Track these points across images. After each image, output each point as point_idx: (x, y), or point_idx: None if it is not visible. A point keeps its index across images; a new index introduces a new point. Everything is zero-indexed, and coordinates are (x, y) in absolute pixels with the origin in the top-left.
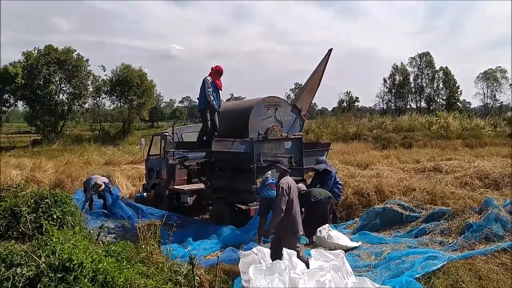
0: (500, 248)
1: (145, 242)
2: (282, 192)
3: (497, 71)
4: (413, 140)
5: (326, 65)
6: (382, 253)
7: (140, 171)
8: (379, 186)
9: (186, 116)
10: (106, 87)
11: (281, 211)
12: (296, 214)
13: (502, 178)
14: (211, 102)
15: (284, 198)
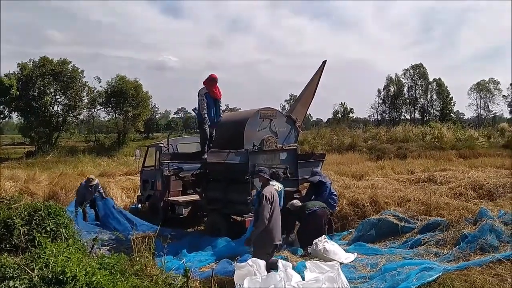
0: (495, 259)
1: (139, 254)
2: (265, 201)
3: (490, 82)
4: (408, 151)
5: (320, 77)
6: (377, 264)
7: (135, 183)
8: (374, 197)
9: (182, 128)
10: (101, 99)
11: (264, 221)
12: (275, 223)
13: (496, 188)
14: (203, 115)
15: (267, 207)
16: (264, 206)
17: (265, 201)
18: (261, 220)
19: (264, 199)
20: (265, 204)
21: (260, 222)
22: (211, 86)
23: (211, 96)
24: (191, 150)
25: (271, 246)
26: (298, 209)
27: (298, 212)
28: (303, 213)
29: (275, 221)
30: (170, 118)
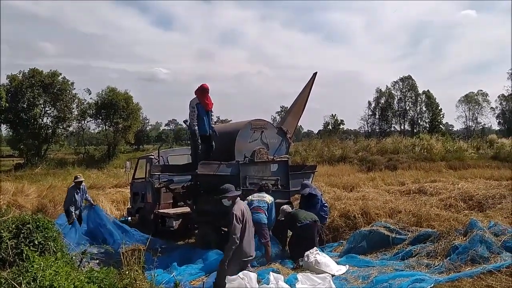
0: (486, 270)
1: (129, 268)
2: (235, 220)
3: (478, 95)
4: (398, 162)
5: (311, 88)
6: (369, 276)
7: (125, 195)
8: (365, 209)
9: (172, 139)
10: (91, 110)
11: (236, 240)
12: (246, 240)
13: (486, 199)
14: (193, 127)
15: (238, 226)
16: (234, 226)
17: (235, 220)
18: (233, 240)
19: (234, 218)
20: (235, 224)
21: (232, 242)
22: (202, 96)
23: (202, 106)
24: (182, 162)
25: (241, 262)
26: (289, 220)
27: (290, 222)
28: (295, 225)
29: (247, 237)
30: (161, 130)
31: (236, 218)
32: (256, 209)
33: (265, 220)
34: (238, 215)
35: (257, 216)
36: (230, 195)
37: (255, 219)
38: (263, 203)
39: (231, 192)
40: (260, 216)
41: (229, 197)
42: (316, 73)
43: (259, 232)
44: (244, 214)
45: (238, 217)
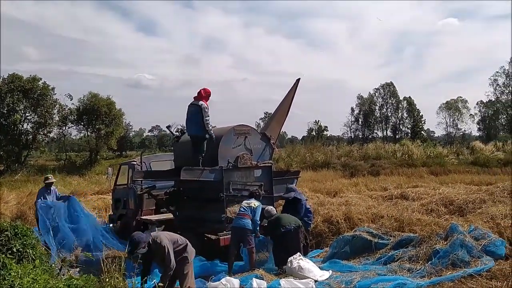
0: (466, 274)
1: (109, 275)
2: (167, 253)
3: (458, 101)
4: (381, 168)
5: (294, 94)
6: (352, 281)
7: (107, 202)
8: (348, 214)
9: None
10: (73, 116)
11: (172, 267)
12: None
13: (466, 204)
14: (210, 131)
15: (171, 255)
16: (168, 255)
17: (167, 253)
18: (170, 268)
19: (166, 251)
20: (167, 255)
21: (169, 270)
22: (207, 100)
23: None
24: (165, 168)
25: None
26: (272, 223)
27: (273, 227)
28: (278, 230)
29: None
30: (144, 136)
31: (167, 251)
32: (241, 214)
33: (249, 226)
34: (168, 247)
35: (242, 221)
36: (144, 244)
37: (239, 224)
38: (248, 208)
39: (142, 244)
40: (245, 221)
41: (143, 245)
42: (300, 79)
43: (243, 238)
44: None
45: (168, 249)
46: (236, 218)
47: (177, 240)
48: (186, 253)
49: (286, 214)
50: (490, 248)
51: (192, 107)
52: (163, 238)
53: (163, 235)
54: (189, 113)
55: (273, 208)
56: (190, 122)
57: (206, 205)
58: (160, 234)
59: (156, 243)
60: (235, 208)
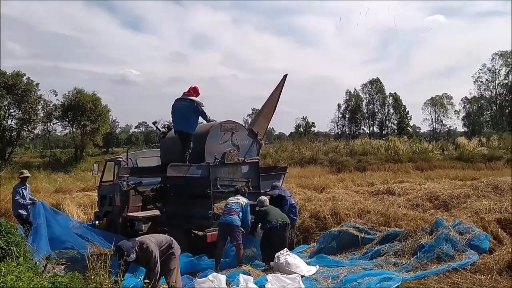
0: (451, 268)
1: (94, 272)
2: (153, 258)
3: (443, 98)
4: (367, 163)
5: (281, 91)
6: (338, 276)
7: (92, 199)
8: (335, 209)
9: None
10: (58, 112)
11: (157, 273)
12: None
13: (451, 199)
14: (209, 118)
15: (157, 261)
16: (154, 260)
17: (153, 258)
18: (154, 273)
19: (153, 256)
20: (153, 260)
21: (153, 274)
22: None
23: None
24: (151, 164)
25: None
26: (260, 216)
27: (261, 220)
28: (264, 226)
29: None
30: (131, 132)
31: (154, 256)
32: (228, 211)
33: (237, 222)
34: (155, 251)
35: (229, 218)
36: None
37: (227, 220)
38: (236, 205)
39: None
40: (233, 218)
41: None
42: (286, 75)
43: (230, 234)
44: (157, 243)
45: (155, 253)
46: (223, 214)
47: (162, 241)
48: (172, 249)
49: (275, 208)
50: (474, 242)
51: (181, 101)
52: (150, 243)
53: (149, 240)
54: (178, 108)
55: (266, 198)
56: (178, 117)
57: (193, 202)
58: (146, 239)
59: (143, 249)
60: (222, 204)
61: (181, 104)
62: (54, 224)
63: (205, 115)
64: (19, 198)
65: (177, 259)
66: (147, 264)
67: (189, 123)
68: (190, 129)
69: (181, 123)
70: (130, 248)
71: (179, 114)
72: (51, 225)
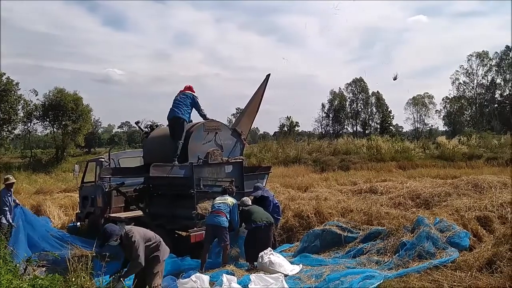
0: (432, 265)
1: (75, 274)
2: (137, 247)
3: (424, 97)
4: (350, 162)
5: (264, 90)
6: (322, 275)
7: (74, 200)
8: (318, 208)
9: (126, 142)
10: (38, 112)
11: (140, 263)
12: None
13: (432, 197)
14: (204, 113)
15: (140, 252)
16: (136, 251)
17: (135, 248)
18: (137, 263)
19: (135, 246)
20: (135, 250)
21: (135, 266)
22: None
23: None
24: (134, 164)
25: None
26: (244, 216)
27: (245, 219)
28: (249, 225)
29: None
30: (114, 132)
31: (137, 245)
32: (216, 212)
33: (225, 223)
34: (137, 241)
35: (218, 219)
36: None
37: (215, 222)
38: (224, 205)
39: (114, 236)
40: (221, 219)
41: (115, 238)
42: (269, 75)
43: (219, 235)
44: (143, 236)
45: (138, 244)
46: (211, 216)
47: (150, 238)
48: (158, 252)
49: (259, 208)
50: (455, 240)
51: (183, 94)
52: (135, 233)
53: (137, 230)
54: (176, 99)
55: (248, 199)
56: (174, 105)
57: (176, 202)
58: (134, 228)
59: (128, 237)
60: (205, 204)
61: (180, 96)
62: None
63: (200, 108)
64: (7, 209)
65: (161, 263)
66: (130, 254)
67: (184, 110)
68: (184, 115)
69: (176, 110)
70: (114, 233)
71: (176, 102)
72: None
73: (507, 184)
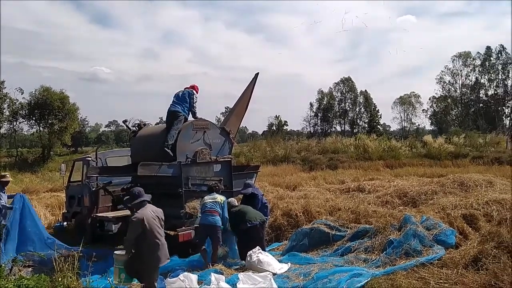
0: (418, 263)
1: (62, 274)
2: (133, 222)
3: (411, 96)
4: (339, 161)
5: (253, 89)
6: (310, 273)
7: (60, 199)
8: (306, 207)
9: (113, 141)
10: (24, 111)
11: (128, 245)
12: (154, 246)
13: (419, 196)
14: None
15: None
16: (131, 226)
17: (129, 228)
18: (126, 242)
19: (133, 220)
20: (128, 230)
21: (125, 243)
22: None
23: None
24: (121, 163)
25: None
26: (236, 217)
27: (239, 220)
28: (244, 225)
29: (154, 244)
30: (101, 131)
31: (136, 222)
32: (210, 211)
33: (219, 222)
34: (134, 221)
35: (212, 219)
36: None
37: (210, 221)
38: (216, 204)
39: (141, 198)
40: (215, 219)
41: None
42: (258, 74)
43: (213, 235)
44: (147, 220)
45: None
46: (205, 215)
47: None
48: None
49: (250, 208)
50: (441, 238)
51: (184, 90)
52: (148, 213)
53: (145, 215)
54: (179, 94)
55: (234, 199)
56: (177, 99)
57: (164, 201)
58: (145, 215)
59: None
60: (194, 203)
61: (181, 91)
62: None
63: (193, 104)
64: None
65: (156, 268)
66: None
67: (184, 106)
68: (183, 111)
69: (176, 104)
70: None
71: (177, 97)
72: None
73: (492, 183)
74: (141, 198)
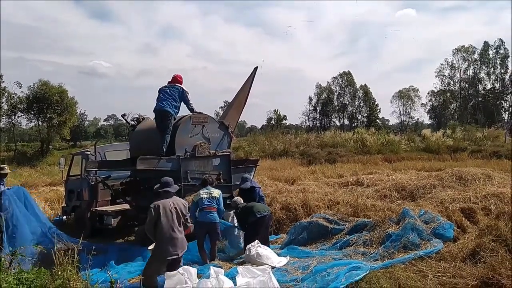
0: (417, 256)
1: (62, 268)
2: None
3: (410, 90)
4: (337, 155)
5: (252, 83)
6: (308, 266)
7: (60, 193)
8: (305, 201)
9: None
10: (23, 105)
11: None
12: (164, 237)
13: (417, 189)
14: (192, 106)
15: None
16: (148, 219)
17: (148, 215)
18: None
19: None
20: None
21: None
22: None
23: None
24: (120, 157)
25: (163, 263)
26: (243, 213)
27: (247, 213)
28: (252, 216)
29: (165, 237)
30: (100, 125)
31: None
32: (208, 208)
33: (218, 219)
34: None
35: (211, 216)
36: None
37: (210, 219)
38: (213, 200)
39: (170, 187)
40: (214, 215)
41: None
42: (257, 68)
43: (212, 231)
44: (162, 210)
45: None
46: (203, 212)
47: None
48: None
49: (256, 202)
50: (439, 231)
51: (169, 86)
52: (167, 203)
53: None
54: (164, 90)
55: (239, 198)
56: (162, 97)
57: None
58: (165, 202)
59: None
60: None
61: (168, 88)
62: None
63: (189, 102)
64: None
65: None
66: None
67: (172, 104)
68: (172, 109)
69: (164, 102)
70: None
71: (164, 94)
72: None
73: (490, 176)
74: (166, 188)
